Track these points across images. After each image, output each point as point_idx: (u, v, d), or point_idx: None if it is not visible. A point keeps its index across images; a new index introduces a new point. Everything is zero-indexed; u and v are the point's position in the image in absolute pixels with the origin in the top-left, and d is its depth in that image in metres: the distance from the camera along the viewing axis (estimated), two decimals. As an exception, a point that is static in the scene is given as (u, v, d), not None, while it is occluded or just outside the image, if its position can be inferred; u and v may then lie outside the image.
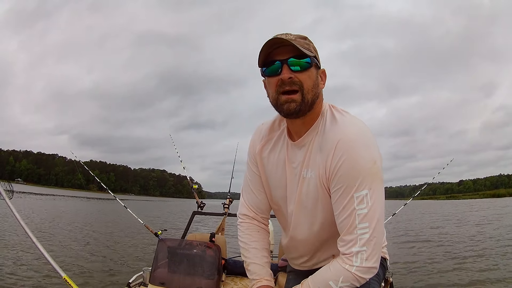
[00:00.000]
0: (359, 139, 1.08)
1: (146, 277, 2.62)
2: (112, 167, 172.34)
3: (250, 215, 1.35)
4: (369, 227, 1.05)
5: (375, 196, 1.06)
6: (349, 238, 1.07)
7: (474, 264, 7.49)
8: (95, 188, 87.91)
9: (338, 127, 1.11)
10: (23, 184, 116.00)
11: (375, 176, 1.07)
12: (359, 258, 1.05)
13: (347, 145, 1.07)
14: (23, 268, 6.20)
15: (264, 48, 1.09)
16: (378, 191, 1.07)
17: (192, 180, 4.59)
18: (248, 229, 1.34)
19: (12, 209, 2.45)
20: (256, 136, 1.33)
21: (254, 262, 1.29)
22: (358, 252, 1.05)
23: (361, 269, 1.05)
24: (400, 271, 6.75)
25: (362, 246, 1.05)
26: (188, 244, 2.68)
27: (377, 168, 1.08)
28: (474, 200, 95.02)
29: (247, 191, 1.36)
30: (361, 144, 1.07)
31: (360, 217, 1.05)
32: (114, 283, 5.52)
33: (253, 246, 1.32)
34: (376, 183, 1.07)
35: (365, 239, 1.05)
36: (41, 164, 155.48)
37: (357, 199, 1.06)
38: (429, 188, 10.45)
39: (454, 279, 6.37)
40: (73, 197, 53.24)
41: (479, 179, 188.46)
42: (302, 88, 1.09)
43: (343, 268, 1.06)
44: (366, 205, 1.05)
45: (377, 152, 1.10)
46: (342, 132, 1.09)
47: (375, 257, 1.06)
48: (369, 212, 1.05)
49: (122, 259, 7.78)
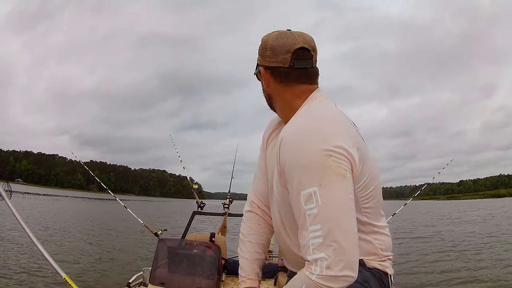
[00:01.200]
0: (306, 130, 0.97)
1: (146, 277, 2.63)
2: (112, 168, 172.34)
3: (256, 202, 1.31)
4: (321, 229, 0.89)
5: (328, 193, 0.91)
6: (302, 243, 0.93)
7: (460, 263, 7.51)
8: (95, 188, 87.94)
9: (291, 121, 1.05)
10: (23, 184, 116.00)
11: (328, 170, 0.91)
12: (319, 266, 0.89)
13: (288, 140, 0.98)
14: (23, 268, 6.20)
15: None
16: (331, 187, 0.91)
17: (192, 180, 4.60)
18: (249, 220, 1.30)
19: (12, 209, 2.46)
20: (268, 125, 1.33)
21: (244, 256, 1.25)
22: (316, 259, 0.90)
23: (323, 277, 0.89)
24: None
25: (318, 252, 0.89)
26: (188, 244, 2.68)
27: (332, 161, 0.92)
28: (474, 200, 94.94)
29: (256, 178, 1.34)
30: (307, 135, 0.96)
31: (310, 217, 0.91)
32: (114, 283, 5.52)
33: (248, 239, 1.27)
34: (328, 178, 0.91)
35: (317, 243, 0.89)
36: (41, 164, 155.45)
37: (304, 197, 0.92)
38: (429, 189, 10.31)
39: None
40: (73, 197, 53.25)
41: (479, 179, 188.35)
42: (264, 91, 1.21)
43: (305, 276, 0.92)
44: (315, 204, 0.90)
45: (329, 144, 0.94)
46: (288, 128, 1.03)
47: (340, 264, 0.88)
48: (320, 212, 0.90)
49: (122, 259, 7.79)
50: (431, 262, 8.03)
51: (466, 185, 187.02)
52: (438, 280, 6.39)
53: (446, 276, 6.68)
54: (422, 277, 6.68)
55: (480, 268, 7.18)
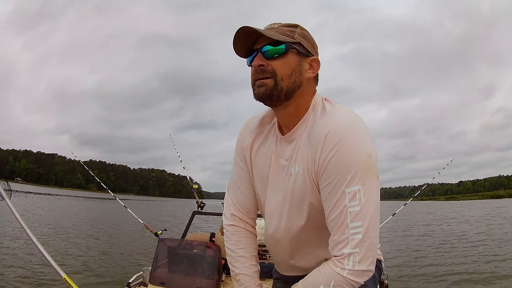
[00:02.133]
0: (351, 130, 0.98)
1: (146, 277, 2.62)
2: (111, 167, 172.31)
3: (238, 215, 1.26)
4: (361, 226, 0.94)
5: (369, 192, 0.95)
6: (340, 238, 0.96)
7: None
8: (94, 188, 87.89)
9: (328, 117, 1.02)
10: (22, 183, 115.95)
11: (369, 171, 0.96)
12: (351, 260, 0.94)
13: (338, 136, 0.97)
14: (23, 268, 6.20)
15: (234, 38, 1.05)
16: (372, 187, 0.96)
17: (191, 180, 4.59)
18: (234, 235, 1.25)
19: (12, 209, 2.45)
20: (245, 130, 1.25)
21: (243, 273, 1.21)
22: (350, 254, 0.94)
23: (354, 273, 0.94)
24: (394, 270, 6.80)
25: (354, 247, 0.94)
26: (188, 244, 2.67)
27: (372, 163, 0.97)
28: (474, 201, 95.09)
29: (233, 189, 1.28)
30: (353, 135, 0.97)
31: (352, 215, 0.95)
32: (114, 283, 5.51)
33: (240, 255, 1.23)
34: (370, 179, 0.96)
35: (357, 239, 0.94)
36: (41, 163, 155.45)
37: (349, 195, 0.95)
38: (429, 189, 10.40)
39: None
40: (73, 196, 53.23)
41: (478, 180, 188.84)
42: (275, 74, 1.03)
43: (334, 272, 0.96)
44: (358, 202, 0.94)
45: (372, 146, 0.99)
46: (333, 122, 1.00)
47: (369, 259, 0.95)
48: (362, 209, 0.94)
49: (122, 259, 7.78)
50: (418, 258, 8.33)
51: (465, 186, 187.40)
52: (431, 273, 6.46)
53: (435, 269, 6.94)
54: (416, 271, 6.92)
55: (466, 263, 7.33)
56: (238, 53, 1.09)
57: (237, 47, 1.07)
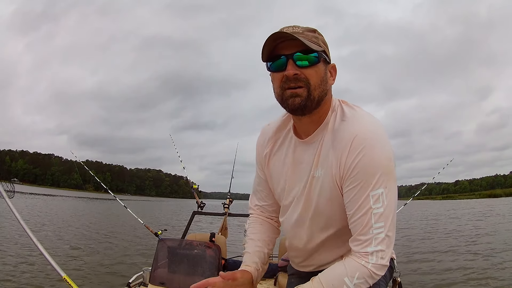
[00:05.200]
0: (375, 135, 1.03)
1: (146, 277, 2.62)
2: (108, 167, 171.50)
3: (261, 205, 1.33)
4: (384, 226, 1.01)
5: (390, 195, 1.02)
6: (364, 238, 1.02)
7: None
8: (91, 188, 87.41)
9: (352, 123, 1.05)
10: (19, 184, 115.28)
11: (391, 175, 1.03)
12: (375, 256, 1.01)
13: (364, 141, 1.01)
14: (23, 268, 6.18)
15: (267, 42, 1.02)
16: (392, 189, 1.03)
17: (188, 180, 4.57)
18: (253, 222, 1.33)
19: (12, 209, 2.44)
20: (262, 138, 1.26)
21: (246, 251, 1.26)
22: (373, 251, 1.01)
23: (377, 266, 1.01)
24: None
25: (377, 245, 1.01)
26: (188, 244, 2.67)
27: (392, 166, 1.04)
28: (471, 200, 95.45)
29: (256, 191, 1.35)
30: (378, 140, 1.02)
31: (376, 216, 1.01)
32: (114, 283, 5.50)
33: (251, 238, 1.29)
34: (391, 182, 1.03)
35: (380, 238, 1.01)
36: (37, 164, 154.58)
37: (373, 198, 1.01)
38: (425, 188, 10.48)
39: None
40: (70, 197, 53.03)
41: (475, 179, 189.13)
42: (309, 84, 1.02)
43: (360, 264, 1.02)
44: (382, 204, 1.01)
45: (391, 150, 1.05)
46: (358, 128, 1.04)
47: (388, 255, 1.03)
48: (385, 211, 1.01)
49: (122, 259, 7.76)
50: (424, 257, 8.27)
51: (462, 185, 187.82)
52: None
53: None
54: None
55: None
56: (263, 58, 1.07)
57: (265, 50, 1.05)
